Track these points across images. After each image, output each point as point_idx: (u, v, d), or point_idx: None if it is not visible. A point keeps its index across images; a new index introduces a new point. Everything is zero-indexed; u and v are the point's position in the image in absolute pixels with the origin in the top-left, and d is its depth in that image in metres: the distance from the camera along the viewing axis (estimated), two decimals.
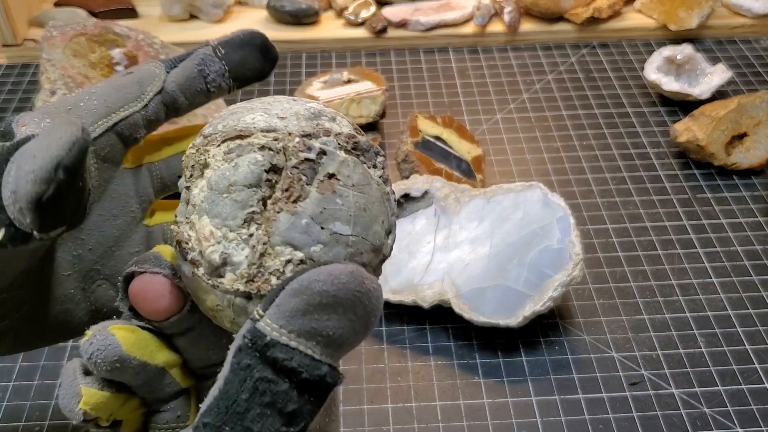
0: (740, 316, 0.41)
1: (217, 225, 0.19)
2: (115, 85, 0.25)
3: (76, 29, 0.50)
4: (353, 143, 0.21)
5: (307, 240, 0.19)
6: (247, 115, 0.21)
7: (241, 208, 0.19)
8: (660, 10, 0.64)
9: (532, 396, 0.37)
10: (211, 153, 0.20)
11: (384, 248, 0.21)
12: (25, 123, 0.22)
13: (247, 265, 0.19)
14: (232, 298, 0.19)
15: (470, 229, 0.41)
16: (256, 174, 0.19)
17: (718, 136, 0.50)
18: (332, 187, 0.19)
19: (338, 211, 0.19)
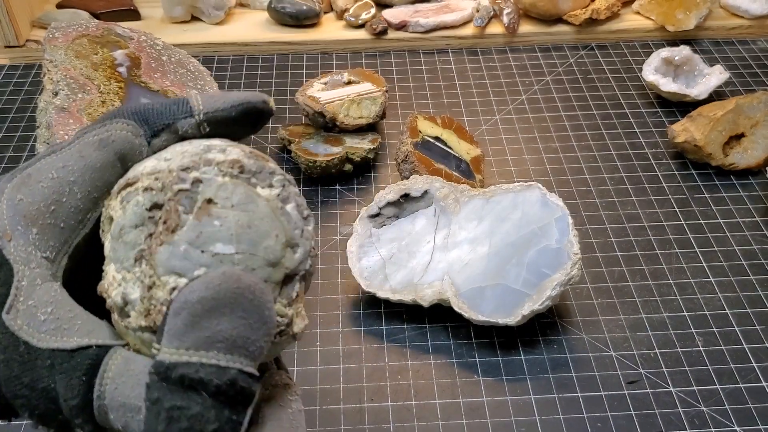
0: (738, 315, 0.41)
1: (118, 269, 0.20)
2: (95, 166, 0.22)
3: (78, 30, 0.50)
4: (239, 168, 0.21)
5: (189, 265, 0.19)
6: (140, 166, 0.22)
7: (131, 248, 0.20)
8: (658, 12, 0.64)
9: (531, 394, 0.37)
10: (112, 206, 0.21)
11: (287, 261, 0.20)
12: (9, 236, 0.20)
13: (140, 300, 0.20)
14: (141, 335, 0.20)
15: (469, 228, 0.41)
16: (139, 214, 0.20)
17: (715, 137, 0.50)
18: (208, 210, 0.20)
19: (217, 233, 0.19)
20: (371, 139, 0.51)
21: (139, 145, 0.23)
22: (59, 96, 0.46)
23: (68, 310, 0.20)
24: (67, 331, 0.20)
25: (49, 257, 0.21)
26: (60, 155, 0.22)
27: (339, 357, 0.39)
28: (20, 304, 0.20)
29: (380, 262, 0.41)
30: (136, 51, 0.51)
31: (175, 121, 0.23)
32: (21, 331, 0.20)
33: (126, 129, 0.23)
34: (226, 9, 0.65)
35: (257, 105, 0.24)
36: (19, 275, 0.20)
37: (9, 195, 0.21)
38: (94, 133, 0.23)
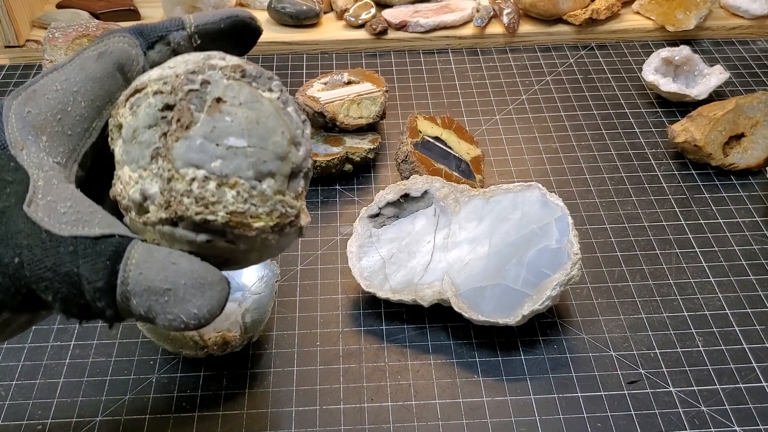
0: (738, 315, 0.41)
1: (133, 169, 0.21)
2: (95, 76, 0.23)
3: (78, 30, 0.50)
4: (240, 72, 0.22)
5: (205, 157, 0.21)
6: (145, 75, 0.23)
7: (147, 147, 0.21)
8: (658, 12, 0.64)
9: (531, 394, 0.37)
10: (121, 113, 0.22)
11: (293, 157, 0.22)
12: (22, 146, 0.22)
13: (160, 193, 0.21)
14: (161, 228, 0.21)
15: (469, 228, 0.41)
16: (152, 115, 0.21)
17: (715, 137, 0.50)
18: (219, 108, 0.21)
19: (229, 127, 0.21)
20: (371, 139, 0.51)
21: (136, 55, 0.24)
22: None
23: (87, 206, 0.22)
24: (88, 223, 0.21)
25: (60, 162, 0.22)
26: (62, 70, 0.23)
27: (339, 357, 0.39)
28: (39, 199, 0.21)
29: (380, 262, 0.41)
30: None
31: (168, 33, 0.25)
32: (42, 222, 0.21)
33: (122, 41, 0.24)
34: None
35: (245, 19, 0.25)
36: (35, 177, 0.21)
37: (16, 109, 0.22)
38: (93, 48, 0.24)
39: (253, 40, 0.26)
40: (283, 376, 0.38)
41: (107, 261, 0.20)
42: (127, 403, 0.37)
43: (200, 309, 0.21)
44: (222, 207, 0.21)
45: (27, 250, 0.20)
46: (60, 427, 0.36)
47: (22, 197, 0.21)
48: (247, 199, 0.21)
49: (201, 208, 0.21)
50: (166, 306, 0.21)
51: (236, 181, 0.21)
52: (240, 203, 0.21)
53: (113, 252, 0.21)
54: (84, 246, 0.20)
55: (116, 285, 0.20)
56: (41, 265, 0.20)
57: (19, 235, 0.20)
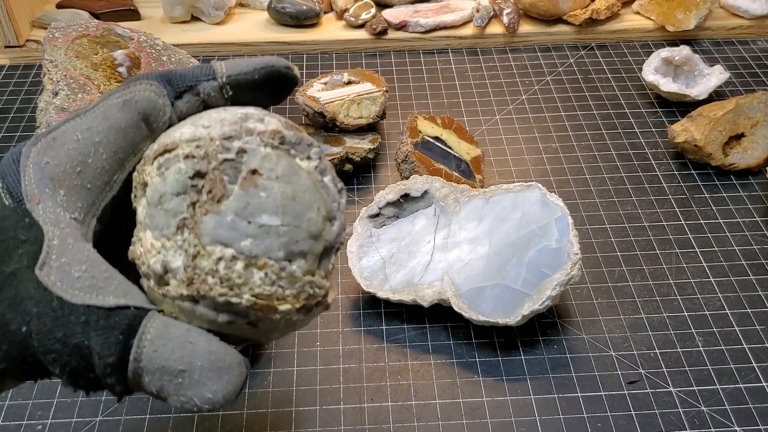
0: (738, 315, 0.41)
1: (156, 236, 0.20)
2: (119, 126, 0.22)
3: (78, 30, 0.50)
4: (279, 138, 0.21)
5: (235, 236, 0.19)
6: (176, 131, 0.21)
7: (173, 216, 0.20)
8: (658, 12, 0.64)
9: (531, 394, 0.37)
10: (147, 171, 0.21)
11: (326, 234, 0.21)
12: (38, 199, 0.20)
13: (183, 269, 0.20)
14: (181, 303, 0.20)
15: (469, 228, 0.41)
16: (181, 182, 0.20)
17: (715, 137, 0.50)
18: (254, 182, 0.20)
19: (263, 204, 0.19)
20: (371, 139, 0.51)
21: (163, 105, 0.23)
22: (59, 96, 0.46)
23: (103, 270, 0.20)
24: (102, 290, 0.20)
25: (78, 218, 0.21)
26: (84, 118, 0.22)
27: (339, 357, 0.39)
28: (53, 261, 0.20)
29: (380, 262, 0.41)
30: (137, 51, 0.51)
31: (198, 83, 0.23)
32: (54, 287, 0.19)
33: (149, 89, 0.23)
34: (226, 9, 0.65)
35: (280, 69, 0.23)
36: (50, 235, 0.20)
37: (35, 159, 0.21)
38: (117, 95, 0.23)
39: (288, 90, 0.24)
40: (283, 376, 0.38)
41: (120, 335, 0.19)
42: (127, 403, 0.37)
43: (215, 394, 0.20)
44: (248, 289, 0.20)
45: (36, 319, 0.19)
46: (60, 427, 0.36)
47: (34, 259, 0.20)
48: (275, 281, 0.20)
49: (225, 289, 0.19)
50: (180, 388, 0.19)
51: (265, 263, 0.20)
52: (267, 286, 0.20)
53: (127, 326, 0.19)
54: (97, 317, 0.19)
55: (128, 360, 0.19)
56: (50, 335, 0.19)
57: (30, 302, 0.19)
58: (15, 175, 0.21)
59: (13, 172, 0.21)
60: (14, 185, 0.21)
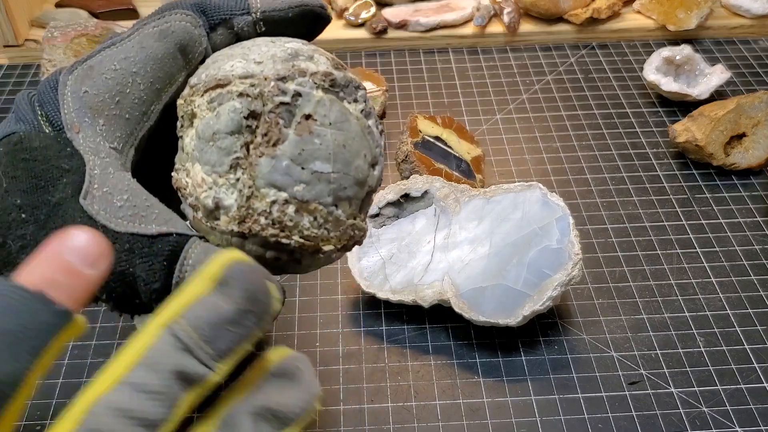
0: (739, 315, 0.41)
1: (207, 172, 0.20)
2: (156, 56, 0.22)
3: (77, 30, 0.50)
4: (330, 81, 0.21)
5: (289, 181, 0.20)
6: (226, 63, 0.21)
7: (226, 154, 0.20)
8: (659, 11, 0.64)
9: (532, 395, 0.37)
10: (197, 103, 0.21)
11: (370, 180, 0.22)
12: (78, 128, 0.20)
13: (236, 208, 0.20)
14: (229, 238, 0.21)
15: (470, 228, 0.41)
16: (236, 121, 0.20)
17: (716, 137, 0.50)
18: (309, 127, 0.20)
19: (317, 151, 0.20)
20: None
21: (199, 36, 0.23)
22: None
23: (144, 199, 0.21)
24: (144, 219, 0.20)
25: (117, 148, 0.21)
26: (121, 47, 0.22)
27: (339, 358, 0.39)
28: (95, 191, 0.20)
29: (380, 263, 0.41)
30: None
31: (232, 16, 0.23)
32: (98, 216, 0.20)
33: (185, 20, 0.23)
34: None
35: (314, 8, 0.23)
36: (91, 164, 0.20)
37: (73, 87, 0.21)
38: (153, 24, 0.22)
39: (321, 29, 0.24)
40: None
41: (164, 261, 0.20)
42: None
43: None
44: (297, 232, 0.20)
45: None
46: None
47: (78, 188, 0.20)
48: (322, 225, 0.21)
49: (276, 230, 0.20)
50: None
51: (315, 207, 0.20)
52: (315, 228, 0.21)
53: (170, 251, 0.20)
54: (141, 244, 0.19)
55: (172, 284, 0.20)
56: None
57: None
58: (54, 103, 0.21)
59: (52, 100, 0.21)
60: (53, 113, 0.21)
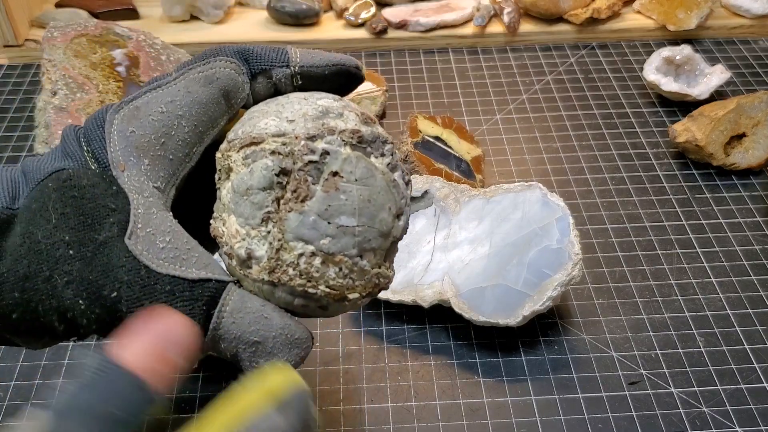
0: (739, 315, 0.41)
1: (242, 224, 0.22)
2: (201, 101, 0.23)
3: (77, 30, 0.50)
4: (357, 137, 0.22)
5: (316, 234, 0.21)
6: (261, 120, 0.23)
7: (259, 208, 0.21)
8: (659, 11, 0.64)
9: (532, 395, 0.37)
10: (233, 158, 0.22)
11: (394, 231, 0.23)
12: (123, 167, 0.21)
13: (267, 259, 0.21)
14: (261, 286, 0.22)
15: (470, 229, 0.41)
16: (268, 178, 0.21)
17: (716, 137, 0.50)
18: (336, 184, 0.21)
19: (343, 206, 0.21)
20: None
21: (242, 83, 0.24)
22: (58, 95, 0.46)
23: (185, 242, 0.22)
24: (185, 262, 0.21)
25: (160, 188, 0.22)
26: (167, 90, 0.23)
27: (339, 358, 0.39)
28: (139, 230, 0.21)
29: None
30: (135, 50, 0.51)
31: (272, 68, 0.24)
32: (142, 256, 0.21)
33: (229, 66, 0.24)
34: (225, 8, 0.65)
35: (350, 69, 0.25)
36: (135, 203, 0.21)
37: (119, 126, 0.22)
38: (199, 69, 0.23)
39: (354, 87, 0.25)
40: None
41: (203, 306, 0.21)
42: None
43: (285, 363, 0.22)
44: (323, 282, 0.22)
45: (126, 286, 0.20)
46: None
47: (123, 227, 0.21)
48: (348, 275, 0.22)
49: (304, 281, 0.21)
50: (253, 356, 0.21)
51: (341, 259, 0.22)
52: (340, 278, 0.22)
53: (209, 298, 0.21)
54: (181, 288, 0.21)
55: (209, 328, 0.21)
56: (138, 303, 0.20)
57: (120, 270, 0.20)
58: (100, 140, 0.22)
59: (99, 138, 0.22)
60: (100, 151, 0.22)
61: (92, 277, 0.20)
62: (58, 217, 0.21)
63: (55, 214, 0.21)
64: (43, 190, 0.21)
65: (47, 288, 0.20)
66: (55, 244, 0.20)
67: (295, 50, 0.24)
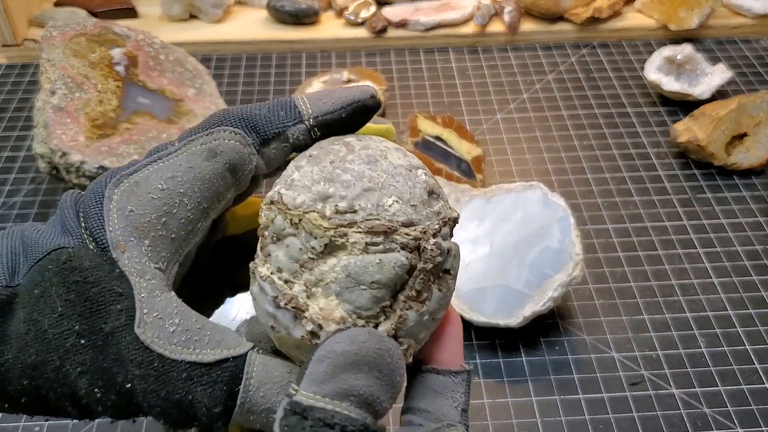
0: (740, 316, 0.41)
1: (349, 311, 0.20)
2: (204, 177, 0.22)
3: (75, 29, 0.50)
4: (454, 223, 0.23)
5: (422, 331, 0.21)
6: (383, 198, 0.21)
7: (378, 302, 0.21)
8: (660, 10, 0.64)
9: (533, 396, 0.37)
10: (351, 239, 0.21)
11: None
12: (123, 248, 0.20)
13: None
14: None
15: (470, 229, 0.41)
16: (399, 275, 0.21)
17: (718, 136, 0.50)
18: (446, 281, 0.22)
19: (444, 301, 0.22)
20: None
21: (248, 155, 0.22)
22: (56, 95, 0.46)
23: (194, 321, 0.21)
24: (198, 343, 0.20)
25: (161, 267, 0.21)
26: (167, 164, 0.22)
27: None
28: (147, 317, 0.20)
29: None
30: (134, 50, 0.51)
31: (285, 129, 0.23)
32: (153, 344, 0.20)
33: (234, 138, 0.22)
34: (224, 7, 0.65)
35: (366, 102, 0.23)
36: (138, 288, 0.20)
37: (119, 204, 0.21)
38: (201, 141, 0.22)
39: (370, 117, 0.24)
40: None
41: (224, 386, 0.20)
42: None
43: None
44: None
45: (140, 379, 0.20)
46: (58, 428, 0.35)
47: (131, 315, 0.20)
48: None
49: None
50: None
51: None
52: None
53: (229, 377, 0.20)
54: (199, 372, 0.20)
55: (234, 406, 0.20)
56: (154, 394, 0.20)
57: (131, 363, 0.20)
58: (98, 218, 0.21)
59: (97, 215, 0.21)
60: (98, 230, 0.21)
61: (106, 365, 0.20)
62: (63, 303, 0.20)
63: (60, 301, 0.20)
64: (44, 273, 0.20)
65: (58, 377, 0.20)
66: (64, 333, 0.20)
67: (304, 100, 0.23)
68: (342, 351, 0.18)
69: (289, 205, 0.21)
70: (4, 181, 0.50)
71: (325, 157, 0.22)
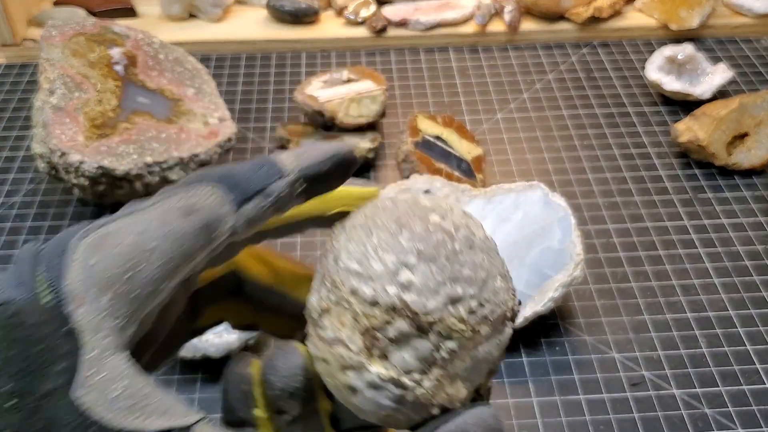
0: (741, 316, 0.41)
1: (468, 387, 0.22)
2: (177, 234, 0.21)
3: (75, 29, 0.50)
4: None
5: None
6: (495, 282, 0.22)
7: (480, 375, 0.22)
8: (661, 10, 0.64)
9: (533, 397, 0.37)
10: (482, 332, 0.22)
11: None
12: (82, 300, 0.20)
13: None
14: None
15: None
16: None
17: (719, 136, 0.49)
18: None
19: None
20: (371, 138, 0.51)
21: (225, 215, 0.22)
22: (56, 95, 0.46)
23: (141, 387, 0.19)
24: (142, 410, 0.19)
25: (119, 325, 0.20)
26: (140, 217, 0.21)
27: None
28: (89, 379, 0.19)
29: None
30: (133, 49, 0.50)
31: (267, 186, 0.22)
32: (91, 410, 0.19)
33: (213, 197, 0.22)
34: (224, 6, 0.65)
35: (347, 156, 0.23)
36: (89, 345, 0.19)
37: (83, 255, 0.20)
38: (179, 197, 0.21)
39: (351, 172, 0.24)
40: None
41: None
42: None
43: None
44: None
45: None
46: None
47: (72, 375, 0.19)
48: None
49: None
50: None
51: None
52: None
53: None
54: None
55: None
56: None
57: (65, 428, 0.19)
58: (59, 268, 0.20)
59: (58, 266, 0.20)
60: (57, 281, 0.20)
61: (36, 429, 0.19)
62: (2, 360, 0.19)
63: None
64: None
65: None
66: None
67: (286, 154, 0.23)
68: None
69: (419, 312, 0.21)
70: (3, 181, 0.50)
71: (436, 250, 0.22)
